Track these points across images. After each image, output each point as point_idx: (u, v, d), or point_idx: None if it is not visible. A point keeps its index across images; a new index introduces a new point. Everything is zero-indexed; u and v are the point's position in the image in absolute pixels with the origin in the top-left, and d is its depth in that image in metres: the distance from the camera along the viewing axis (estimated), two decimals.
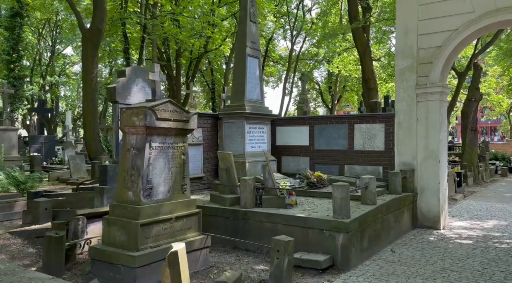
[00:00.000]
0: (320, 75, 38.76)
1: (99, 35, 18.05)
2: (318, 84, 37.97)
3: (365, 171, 10.08)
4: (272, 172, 7.51)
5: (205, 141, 9.21)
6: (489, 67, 32.07)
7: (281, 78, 35.22)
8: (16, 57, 25.09)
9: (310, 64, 35.77)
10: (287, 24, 32.36)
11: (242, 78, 9.37)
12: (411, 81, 9.42)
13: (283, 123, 11.20)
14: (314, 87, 38.45)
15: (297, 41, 33.99)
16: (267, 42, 32.39)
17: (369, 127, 10.05)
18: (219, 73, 32.00)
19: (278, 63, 35.67)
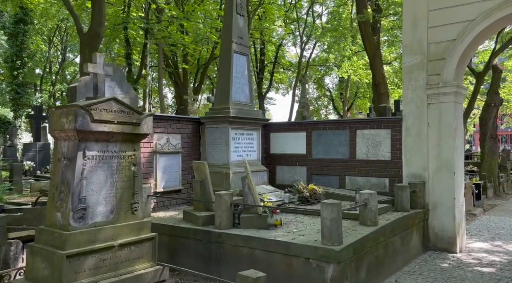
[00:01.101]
0: (332, 82, 37.37)
1: (97, 40, 17.09)
2: (329, 90, 36.55)
3: (368, 184, 8.72)
4: (253, 186, 6.23)
5: (185, 148, 8.00)
6: (508, 73, 30.23)
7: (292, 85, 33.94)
8: (20, 64, 24.40)
9: (321, 70, 34.43)
10: (296, 30, 31.18)
11: (227, 78, 8.15)
12: (420, 80, 8.07)
13: (278, 128, 9.93)
14: (325, 94, 37.06)
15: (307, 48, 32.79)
16: (277, 49, 31.24)
17: (373, 133, 8.70)
18: None
19: (288, 70, 34.44)
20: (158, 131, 7.46)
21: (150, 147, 7.33)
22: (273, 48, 31.77)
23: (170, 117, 7.72)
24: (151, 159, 7.35)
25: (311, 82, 36.90)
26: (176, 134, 7.85)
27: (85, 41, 16.89)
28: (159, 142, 7.46)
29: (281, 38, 31.71)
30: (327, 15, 30.27)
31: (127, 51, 21.94)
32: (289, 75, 35.39)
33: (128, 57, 22.11)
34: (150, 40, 20.47)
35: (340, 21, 25.85)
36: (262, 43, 30.44)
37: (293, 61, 34.25)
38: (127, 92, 7.68)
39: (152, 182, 7.39)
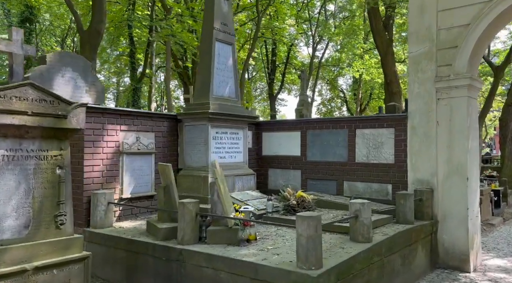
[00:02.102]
0: (345, 83, 36.06)
1: (97, 37, 16.33)
2: (342, 91, 35.26)
3: (369, 190, 7.59)
4: (224, 193, 5.19)
5: (160, 149, 7.02)
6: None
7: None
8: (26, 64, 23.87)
9: (334, 71, 33.18)
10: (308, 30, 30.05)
11: (208, 69, 7.15)
12: (428, 72, 6.92)
13: (271, 128, 8.87)
14: (338, 95, 35.77)
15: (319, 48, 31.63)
16: (289, 49, 30.14)
17: (374, 133, 7.57)
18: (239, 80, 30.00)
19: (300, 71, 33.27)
20: (125, 129, 6.50)
21: (115, 147, 6.37)
22: (284, 49, 30.70)
23: (139, 112, 6.76)
24: (116, 161, 6.39)
25: (324, 83, 35.72)
26: (149, 133, 6.88)
27: (85, 39, 16.18)
28: (126, 141, 6.50)
29: (293, 38, 30.61)
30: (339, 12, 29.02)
31: (131, 50, 21.18)
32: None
33: (132, 56, 21.35)
34: (154, 38, 19.64)
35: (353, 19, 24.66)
36: (274, 43, 29.41)
37: (305, 61, 33.11)
38: (92, 85, 6.76)
39: (118, 187, 6.43)
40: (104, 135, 6.22)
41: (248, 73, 36.56)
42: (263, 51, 31.25)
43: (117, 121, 6.40)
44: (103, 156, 6.21)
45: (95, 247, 5.80)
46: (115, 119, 6.37)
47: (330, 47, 32.36)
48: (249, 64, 33.84)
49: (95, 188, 6.10)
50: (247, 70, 36.07)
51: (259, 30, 22.83)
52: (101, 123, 6.19)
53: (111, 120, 6.32)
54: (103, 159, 6.21)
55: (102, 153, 6.21)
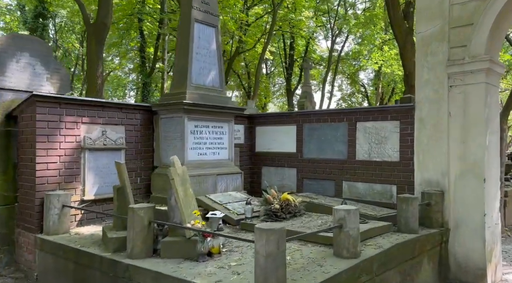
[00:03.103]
0: (367, 77, 34.63)
1: (104, 30, 15.79)
2: (363, 86, 33.89)
3: (371, 192, 6.60)
4: (181, 197, 4.34)
5: (131, 144, 6.23)
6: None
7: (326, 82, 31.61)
8: None
9: (355, 65, 31.84)
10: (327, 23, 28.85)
11: (185, 54, 6.30)
12: (439, 54, 5.88)
13: (264, 121, 7.96)
14: (359, 90, 34.39)
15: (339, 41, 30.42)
16: (307, 42, 29.01)
17: (377, 127, 6.57)
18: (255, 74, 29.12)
19: (319, 65, 32.12)
20: (88, 121, 5.74)
21: (75, 142, 5.61)
22: (303, 42, 29.59)
23: (106, 103, 5.97)
24: (77, 158, 5.63)
25: (344, 77, 34.45)
26: (118, 126, 6.10)
27: (91, 32, 15.68)
28: (88, 136, 5.73)
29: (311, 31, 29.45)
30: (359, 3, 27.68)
31: (141, 44, 20.60)
32: (320, 70, 33.03)
33: (142, 50, 20.76)
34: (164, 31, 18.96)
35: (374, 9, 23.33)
36: (292, 37, 28.37)
37: (325, 55, 31.91)
38: (55, 72, 6.03)
39: (79, 188, 5.67)
40: (61, 128, 5.47)
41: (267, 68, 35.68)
42: (280, 45, 30.26)
43: (77, 112, 5.64)
44: (60, 152, 5.47)
45: (46, 257, 5.07)
46: (75, 110, 5.61)
47: (350, 40, 31.09)
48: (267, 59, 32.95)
49: (50, 188, 5.36)
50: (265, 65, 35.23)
51: (275, 23, 21.88)
52: (58, 114, 5.44)
53: (70, 111, 5.56)
54: (60, 156, 5.47)
55: (59, 149, 5.46)
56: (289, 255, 4.21)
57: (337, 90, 34.93)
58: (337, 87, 35.24)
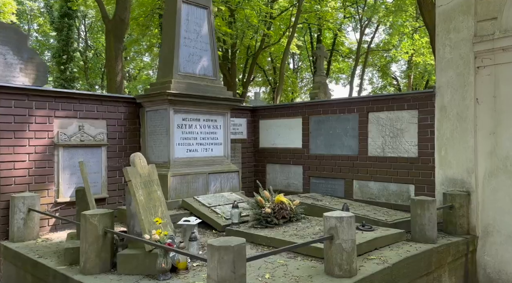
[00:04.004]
0: (399, 69, 33.04)
1: (122, 26, 15.49)
2: (395, 79, 32.35)
3: (385, 192, 5.72)
4: (141, 201, 3.66)
5: (114, 140, 5.62)
6: None
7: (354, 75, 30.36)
8: (66, 58, 23.84)
9: (386, 57, 30.37)
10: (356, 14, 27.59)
11: (171, 39, 5.62)
12: (464, 30, 4.94)
13: (268, 114, 7.18)
14: (391, 83, 32.86)
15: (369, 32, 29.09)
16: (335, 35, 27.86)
17: (392, 117, 5.67)
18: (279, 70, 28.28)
19: (348, 58, 30.84)
20: (62, 115, 5.16)
21: (47, 138, 5.05)
22: (330, 35, 28.47)
23: (83, 94, 5.38)
24: (50, 156, 5.07)
25: (374, 70, 33.02)
26: (98, 120, 5.50)
27: (109, 28, 15.41)
28: (63, 131, 5.16)
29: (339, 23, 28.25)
30: None
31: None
32: (350, 63, 31.76)
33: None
34: None
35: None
36: (319, 30, 27.33)
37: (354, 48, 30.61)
38: (29, 61, 5.50)
39: (52, 189, 5.11)
40: (30, 123, 4.92)
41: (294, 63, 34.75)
42: (307, 38, 29.27)
43: (50, 105, 5.07)
44: (29, 150, 4.92)
45: (9, 267, 4.53)
46: (47, 102, 5.05)
47: (381, 31, 29.64)
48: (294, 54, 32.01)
49: (18, 190, 4.82)
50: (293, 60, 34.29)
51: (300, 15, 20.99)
52: (26, 107, 4.89)
53: (41, 104, 5.00)
54: (29, 154, 4.92)
55: (28, 146, 4.91)
56: (270, 272, 3.46)
57: (367, 83, 33.54)
58: (367, 80, 33.85)
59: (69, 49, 24.14)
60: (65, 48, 23.89)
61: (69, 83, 24.15)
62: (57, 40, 24.10)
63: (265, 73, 30.67)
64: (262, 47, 23.51)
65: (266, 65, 29.92)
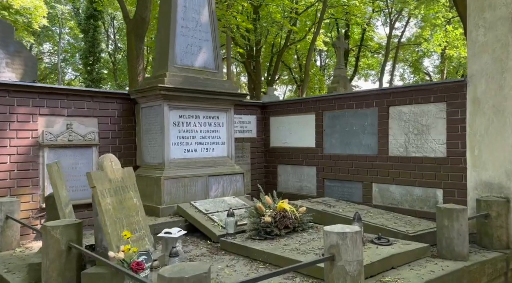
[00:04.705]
0: (432, 64, 31.52)
1: (143, 25, 15.19)
2: (428, 74, 30.89)
3: (408, 197, 4.97)
4: (108, 211, 3.11)
5: (106, 140, 5.14)
6: None
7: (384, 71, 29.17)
8: (93, 60, 23.94)
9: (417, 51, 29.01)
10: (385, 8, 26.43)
11: (166, 27, 5.08)
12: (502, 7, 4.17)
13: (279, 110, 6.54)
14: (423, 79, 31.38)
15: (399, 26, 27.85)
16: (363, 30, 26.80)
17: (416, 112, 4.92)
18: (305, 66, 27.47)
19: (378, 53, 29.65)
20: (47, 113, 4.72)
21: (31, 138, 4.61)
22: (359, 30, 27.42)
23: (71, 90, 4.92)
24: (34, 157, 4.64)
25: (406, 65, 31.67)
26: (89, 118, 5.03)
27: (130, 28, 15.15)
28: (49, 130, 4.71)
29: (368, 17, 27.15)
30: None
31: None
32: (379, 59, 30.55)
33: None
34: None
35: None
36: (346, 25, 26.37)
37: (383, 43, 29.39)
38: (16, 55, 5.09)
39: (37, 193, 4.67)
40: (11, 121, 4.50)
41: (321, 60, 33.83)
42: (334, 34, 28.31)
43: (33, 102, 4.63)
44: (10, 151, 4.49)
45: None
46: (30, 99, 4.61)
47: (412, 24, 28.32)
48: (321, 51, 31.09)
49: None
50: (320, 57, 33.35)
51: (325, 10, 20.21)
52: (6, 104, 4.46)
53: (23, 100, 4.57)
54: (10, 155, 4.49)
55: (9, 147, 4.49)
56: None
57: (398, 79, 32.19)
58: (398, 76, 32.53)
59: (95, 50, 24.22)
60: (92, 49, 23.97)
61: (96, 84, 24.24)
62: (84, 42, 24.24)
63: (291, 71, 29.95)
64: (287, 44, 22.82)
65: (292, 63, 29.19)
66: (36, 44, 28.53)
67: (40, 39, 28.09)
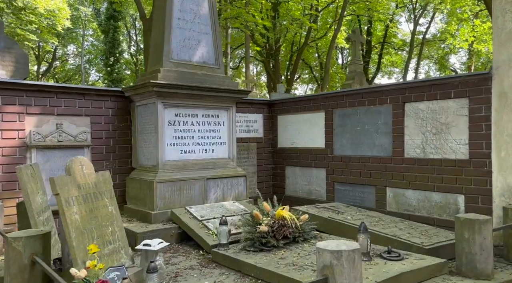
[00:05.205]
0: (459, 61, 30.33)
1: None
2: (455, 71, 29.71)
3: (426, 203, 4.47)
4: (71, 224, 2.77)
5: (99, 140, 4.83)
6: None
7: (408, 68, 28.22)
8: (113, 60, 24.01)
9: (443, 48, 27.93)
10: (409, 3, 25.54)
11: (161, 20, 4.74)
12: None
13: (287, 108, 6.09)
14: None
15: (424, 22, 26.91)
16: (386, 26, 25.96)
17: (434, 108, 4.41)
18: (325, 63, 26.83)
19: (402, 50, 28.72)
20: (35, 112, 4.44)
21: (17, 139, 4.34)
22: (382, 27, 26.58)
23: (60, 87, 4.62)
24: (21, 159, 4.36)
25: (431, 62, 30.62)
26: (80, 117, 4.73)
27: (146, 27, 15.02)
28: (37, 130, 4.43)
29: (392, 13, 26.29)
30: None
31: None
32: (403, 56, 29.59)
33: None
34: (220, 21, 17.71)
35: None
36: (369, 22, 25.60)
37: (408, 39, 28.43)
38: (7, 51, 4.86)
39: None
40: None
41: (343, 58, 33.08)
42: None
43: (20, 100, 4.36)
44: None
45: None
46: (17, 97, 4.34)
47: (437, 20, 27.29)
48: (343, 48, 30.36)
49: None
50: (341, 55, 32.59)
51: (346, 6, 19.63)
52: None
53: (9, 98, 4.30)
54: None
55: None
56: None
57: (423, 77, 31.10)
58: (423, 73, 31.51)
59: (116, 51, 24.28)
60: (112, 50, 24.04)
61: (117, 85, 24.30)
62: (104, 43, 24.34)
63: (312, 69, 29.35)
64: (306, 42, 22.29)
65: (313, 61, 28.59)
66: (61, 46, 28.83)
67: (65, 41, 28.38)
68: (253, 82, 18.57)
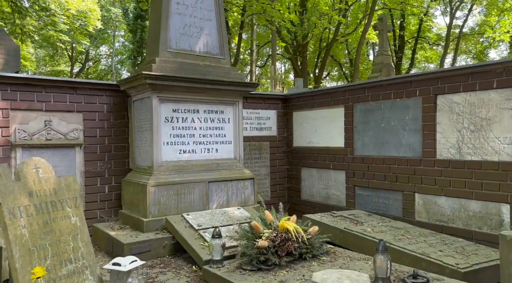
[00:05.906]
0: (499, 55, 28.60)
1: None
2: None
3: (463, 213, 3.76)
4: (14, 241, 2.28)
5: (93, 139, 4.39)
6: None
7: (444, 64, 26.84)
8: (141, 60, 23.95)
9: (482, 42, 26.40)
10: None
11: (158, 4, 4.23)
12: None
13: (302, 104, 5.47)
14: None
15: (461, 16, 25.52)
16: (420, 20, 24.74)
17: (473, 101, 3.69)
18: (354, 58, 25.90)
19: (437, 45, 27.35)
20: (21, 107, 4.04)
21: (1, 137, 3.95)
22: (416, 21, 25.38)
23: (49, 81, 4.19)
24: (6, 159, 3.98)
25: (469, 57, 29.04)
26: (71, 113, 4.30)
27: None
28: (23, 127, 4.04)
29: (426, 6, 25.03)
30: None
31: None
32: (439, 51, 28.18)
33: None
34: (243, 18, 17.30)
35: None
36: (402, 16, 24.48)
37: (443, 34, 27.03)
38: None
39: None
40: None
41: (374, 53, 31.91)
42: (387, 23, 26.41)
43: (3, 94, 3.98)
44: None
45: None
46: (0, 91, 3.95)
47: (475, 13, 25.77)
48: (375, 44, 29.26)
49: None
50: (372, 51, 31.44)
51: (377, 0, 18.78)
52: None
53: None
54: None
55: None
56: None
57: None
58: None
59: (143, 50, 24.22)
60: (139, 50, 23.98)
61: None
62: (132, 42, 24.32)
63: (341, 66, 28.43)
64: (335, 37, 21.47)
65: (343, 58, 27.66)
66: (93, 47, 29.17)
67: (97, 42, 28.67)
68: (280, 80, 17.93)
